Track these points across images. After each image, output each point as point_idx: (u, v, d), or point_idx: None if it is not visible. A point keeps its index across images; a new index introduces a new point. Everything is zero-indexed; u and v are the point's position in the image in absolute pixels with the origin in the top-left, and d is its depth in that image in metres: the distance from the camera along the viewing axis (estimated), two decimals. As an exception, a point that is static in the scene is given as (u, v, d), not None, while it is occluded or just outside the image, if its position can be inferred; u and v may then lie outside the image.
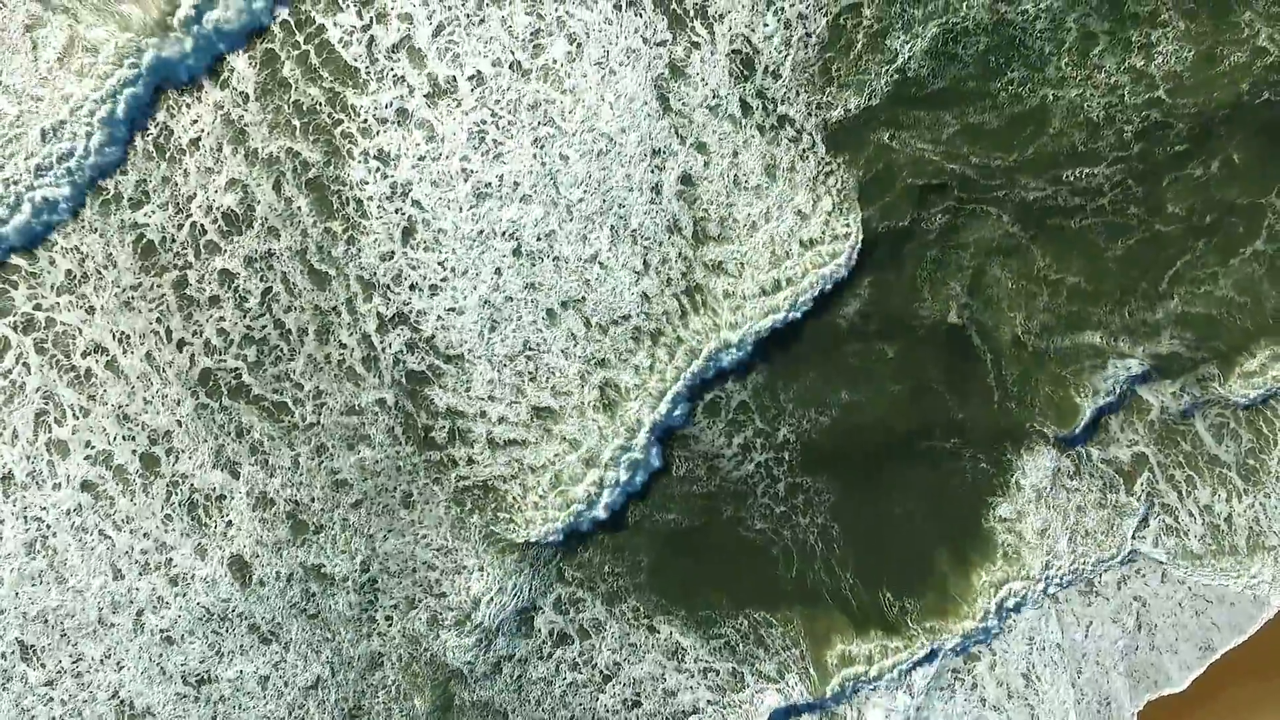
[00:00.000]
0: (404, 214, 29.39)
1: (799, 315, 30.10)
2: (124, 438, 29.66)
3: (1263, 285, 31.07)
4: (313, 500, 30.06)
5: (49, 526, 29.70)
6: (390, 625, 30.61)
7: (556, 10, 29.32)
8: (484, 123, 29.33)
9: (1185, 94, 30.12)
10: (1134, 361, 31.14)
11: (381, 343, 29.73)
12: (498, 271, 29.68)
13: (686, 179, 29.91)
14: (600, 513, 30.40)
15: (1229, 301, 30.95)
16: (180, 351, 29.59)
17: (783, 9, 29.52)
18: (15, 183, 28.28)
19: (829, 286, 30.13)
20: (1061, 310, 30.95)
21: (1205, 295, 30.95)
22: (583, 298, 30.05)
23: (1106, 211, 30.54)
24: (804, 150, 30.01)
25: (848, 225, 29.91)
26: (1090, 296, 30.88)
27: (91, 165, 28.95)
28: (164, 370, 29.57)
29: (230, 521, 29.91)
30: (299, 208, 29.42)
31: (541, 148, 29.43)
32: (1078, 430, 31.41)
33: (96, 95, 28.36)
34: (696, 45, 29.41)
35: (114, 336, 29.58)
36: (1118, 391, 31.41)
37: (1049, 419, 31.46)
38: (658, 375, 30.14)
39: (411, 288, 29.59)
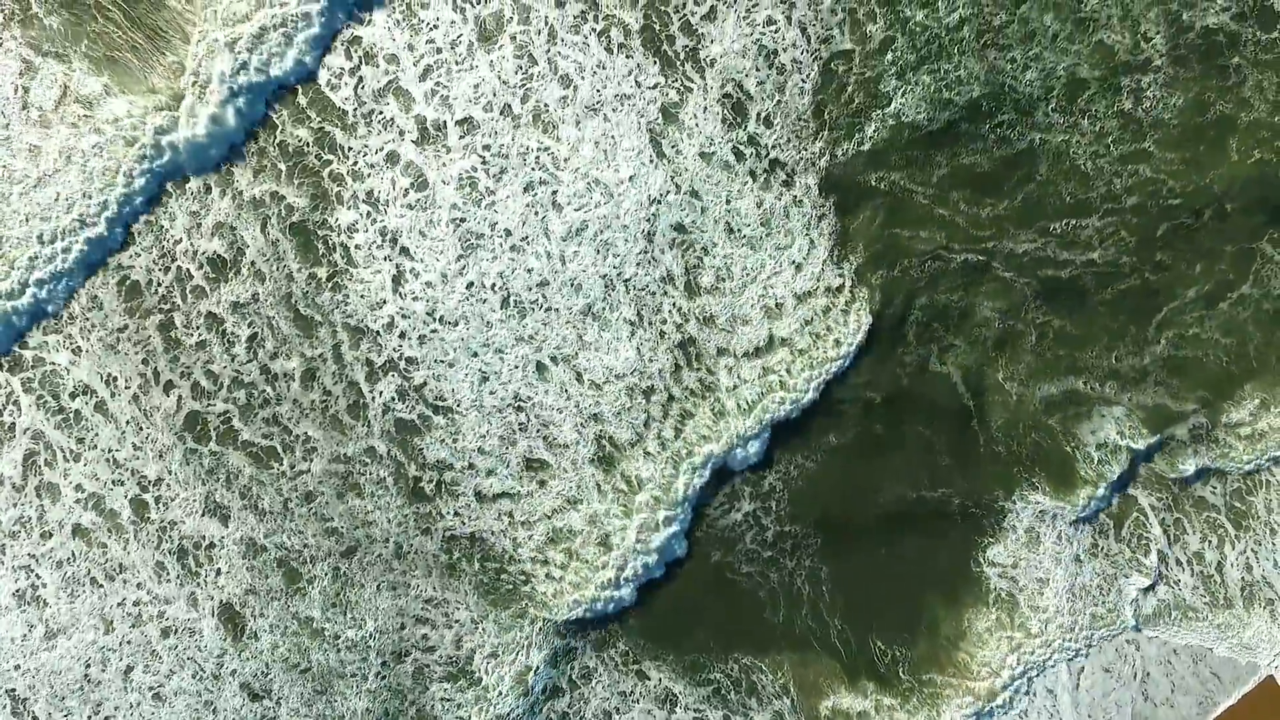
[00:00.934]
0: (393, 261, 29.30)
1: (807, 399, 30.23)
2: (114, 482, 29.47)
3: (1248, 327, 31.04)
4: (304, 548, 29.86)
5: (39, 576, 29.52)
6: (381, 680, 30.33)
7: (548, 52, 29.30)
8: (474, 169, 29.28)
9: (1172, 148, 30.13)
10: (1120, 409, 31.07)
11: (370, 391, 29.59)
12: (488, 323, 29.57)
13: (680, 227, 29.82)
14: (627, 597, 30.34)
15: (1215, 344, 30.92)
16: (167, 395, 29.43)
17: (775, 54, 29.49)
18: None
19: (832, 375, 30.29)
20: (1048, 355, 30.85)
21: (1193, 339, 30.92)
22: (575, 351, 29.92)
23: (1097, 263, 30.49)
24: (797, 197, 29.93)
25: (858, 317, 30.02)
26: (1077, 341, 30.78)
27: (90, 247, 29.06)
28: (152, 413, 29.41)
29: (220, 569, 29.70)
30: (285, 251, 29.30)
31: (533, 195, 29.38)
32: (1083, 511, 31.31)
33: (105, 196, 28.52)
34: (689, 89, 29.37)
35: (102, 378, 29.42)
36: (1118, 475, 31.23)
37: (1038, 471, 31.34)
38: (668, 473, 29.98)
39: (401, 336, 29.48)
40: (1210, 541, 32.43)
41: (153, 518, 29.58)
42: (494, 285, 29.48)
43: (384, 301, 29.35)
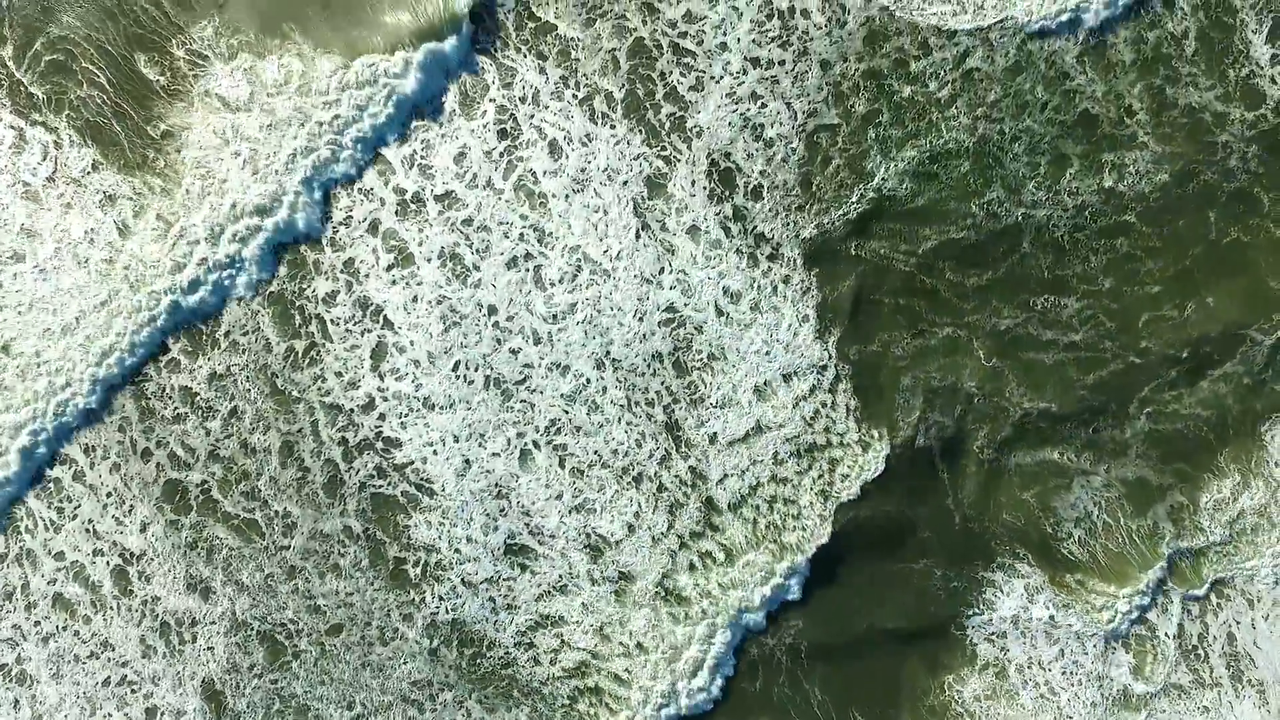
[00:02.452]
0: (371, 335, 29.17)
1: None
2: (95, 552, 29.34)
3: (1228, 401, 31.01)
4: (287, 624, 29.71)
5: (23, 651, 29.41)
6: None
7: (531, 119, 29.17)
8: (457, 244, 29.16)
9: (1153, 222, 30.12)
10: (1099, 480, 31.07)
11: (347, 469, 29.46)
12: (469, 405, 29.44)
13: (670, 308, 29.68)
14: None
15: (1196, 417, 30.90)
16: (145, 462, 29.29)
17: (761, 127, 29.39)
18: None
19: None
20: (1029, 428, 30.81)
21: (1173, 413, 30.89)
22: (561, 434, 29.76)
23: (1079, 347, 30.46)
24: (786, 276, 29.78)
25: (874, 458, 30.23)
26: (1057, 419, 30.77)
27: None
28: (130, 483, 29.28)
29: (202, 645, 29.50)
30: (263, 322, 29.19)
31: (519, 272, 29.24)
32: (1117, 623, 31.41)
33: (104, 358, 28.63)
34: (674, 162, 29.25)
35: (82, 449, 29.32)
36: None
37: (1018, 545, 31.35)
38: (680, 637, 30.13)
39: (380, 417, 29.34)
40: (1190, 611, 32.36)
41: (135, 591, 29.43)
42: (477, 366, 29.36)
43: (361, 379, 29.22)
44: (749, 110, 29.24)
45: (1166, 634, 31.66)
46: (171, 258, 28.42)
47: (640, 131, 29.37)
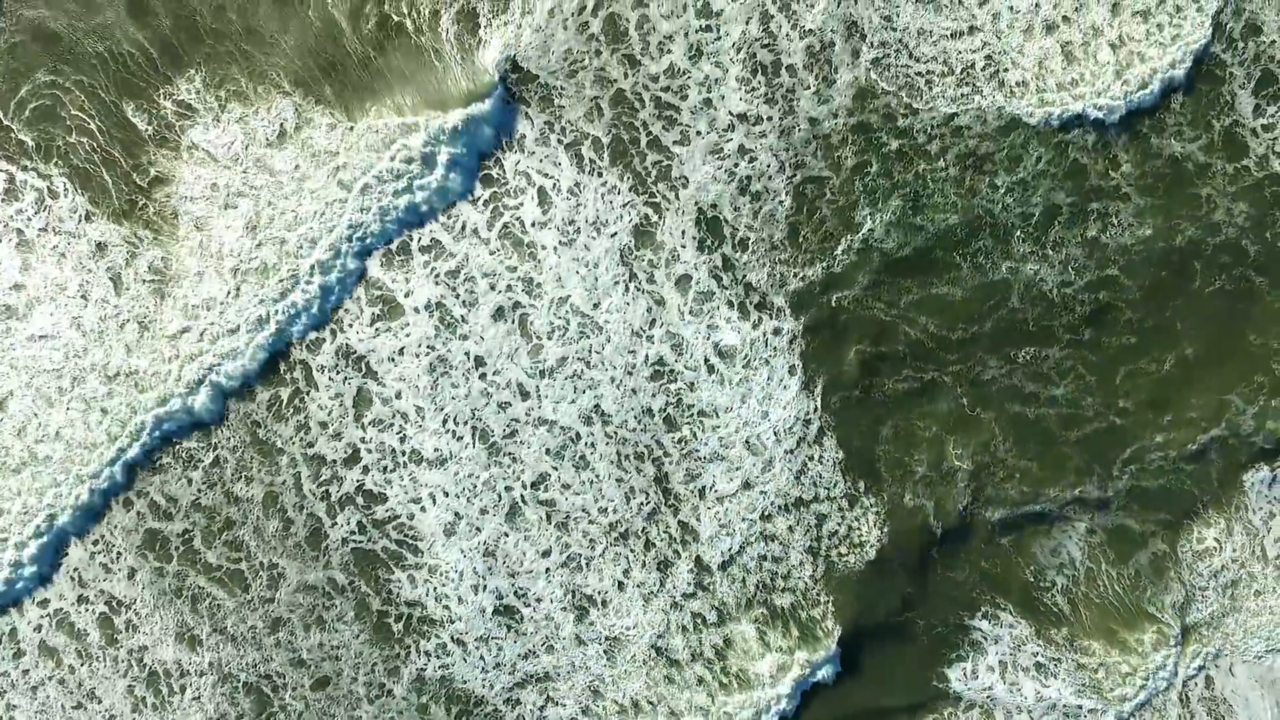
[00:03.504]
0: (353, 384, 29.13)
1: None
2: (80, 600, 29.31)
3: (1211, 456, 31.21)
4: (273, 676, 29.71)
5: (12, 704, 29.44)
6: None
7: (519, 166, 29.13)
8: (443, 296, 29.17)
9: (1136, 274, 30.25)
10: (1083, 526, 31.24)
11: (331, 523, 29.46)
12: (456, 459, 29.48)
13: (658, 360, 29.72)
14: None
15: (1180, 472, 31.11)
16: (127, 511, 29.22)
17: (749, 179, 29.40)
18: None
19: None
20: (1012, 485, 30.94)
21: (1157, 470, 31.05)
22: (549, 490, 29.77)
23: (1061, 403, 30.60)
24: (777, 328, 29.80)
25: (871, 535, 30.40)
26: (1039, 480, 30.91)
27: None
28: (113, 533, 29.22)
29: (190, 696, 29.47)
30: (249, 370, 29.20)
31: (506, 322, 29.23)
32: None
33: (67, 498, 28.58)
34: (663, 211, 29.25)
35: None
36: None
37: (999, 595, 31.52)
38: None
39: (364, 470, 29.36)
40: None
41: (120, 640, 29.43)
42: (464, 419, 29.43)
43: (343, 431, 29.26)
44: (737, 164, 29.27)
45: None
46: (173, 367, 28.62)
47: (627, 178, 29.33)
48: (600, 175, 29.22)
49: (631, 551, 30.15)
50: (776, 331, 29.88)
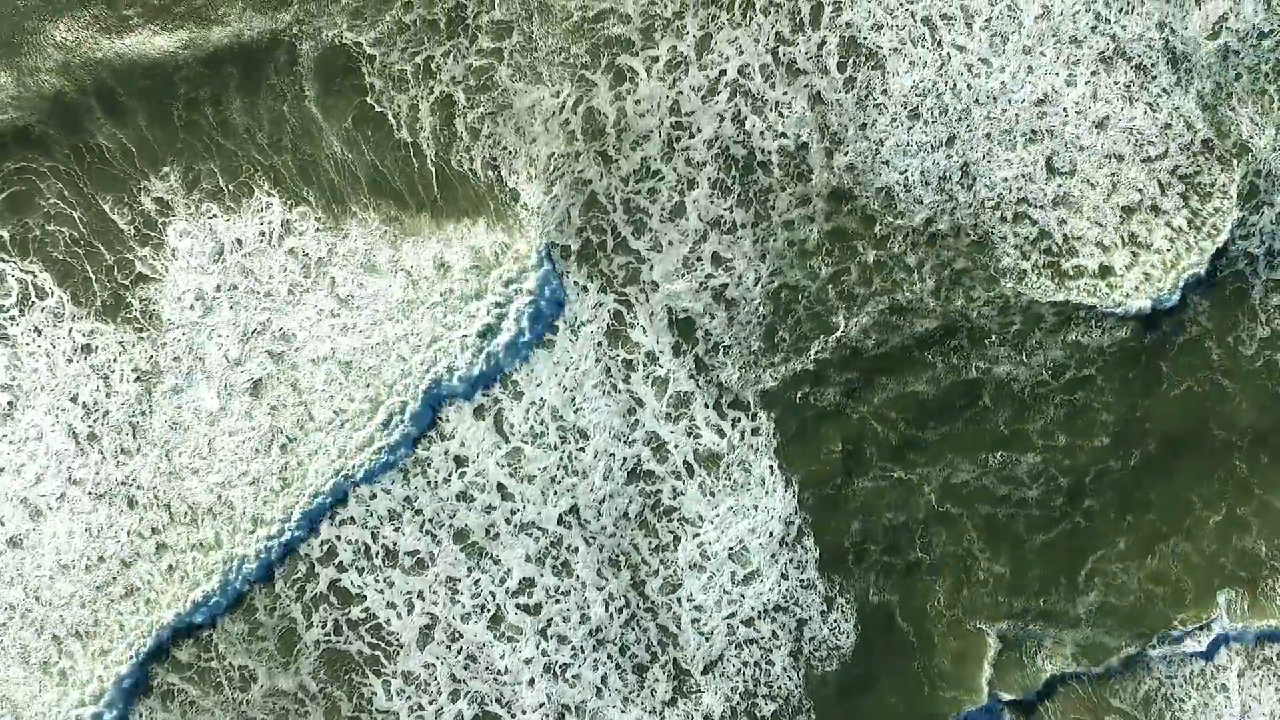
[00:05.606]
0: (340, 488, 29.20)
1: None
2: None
3: (1180, 573, 31.50)
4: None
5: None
6: None
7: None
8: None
9: (1111, 376, 30.73)
10: (1059, 633, 31.47)
11: (306, 623, 29.21)
12: (434, 561, 29.38)
13: (635, 463, 29.82)
14: None
15: (1147, 591, 31.41)
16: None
17: (725, 286, 29.65)
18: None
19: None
20: (982, 595, 31.17)
21: (1122, 586, 31.32)
22: (529, 595, 29.63)
23: (1031, 505, 30.95)
24: (754, 427, 30.04)
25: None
26: (1011, 588, 31.14)
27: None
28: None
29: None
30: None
31: (483, 420, 29.35)
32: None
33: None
34: (635, 310, 29.46)
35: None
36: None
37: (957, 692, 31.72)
38: None
39: (339, 568, 29.23)
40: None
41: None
42: (445, 524, 29.39)
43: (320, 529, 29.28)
44: (710, 271, 29.54)
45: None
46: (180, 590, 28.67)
47: (596, 278, 29.41)
48: (570, 275, 29.29)
49: (609, 657, 30.03)
50: (755, 430, 30.06)
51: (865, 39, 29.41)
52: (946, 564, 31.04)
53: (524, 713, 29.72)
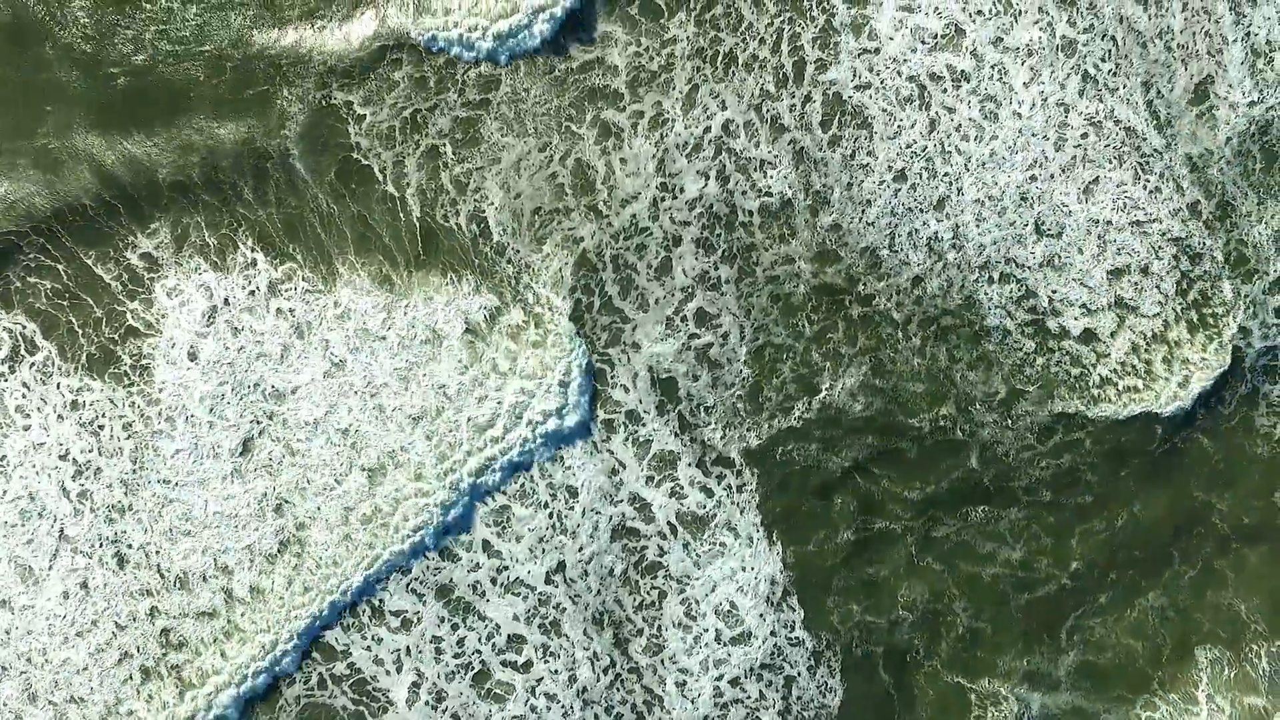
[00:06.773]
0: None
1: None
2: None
3: (1160, 631, 31.66)
4: None
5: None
6: None
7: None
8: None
9: (1099, 440, 30.84)
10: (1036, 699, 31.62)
11: (286, 682, 29.32)
12: (419, 620, 29.43)
13: (620, 523, 29.91)
14: None
15: (1127, 648, 31.55)
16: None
17: (707, 349, 29.74)
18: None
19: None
20: (963, 652, 31.33)
21: (1100, 643, 31.47)
22: (516, 653, 29.58)
23: (1014, 564, 31.06)
24: (739, 484, 30.10)
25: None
26: (992, 646, 31.26)
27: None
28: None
29: None
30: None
31: (478, 499, 29.47)
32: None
33: None
34: (618, 369, 29.53)
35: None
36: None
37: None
38: None
39: (324, 628, 29.37)
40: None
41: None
42: (432, 584, 29.43)
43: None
44: (696, 334, 29.62)
45: None
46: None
47: (583, 336, 29.49)
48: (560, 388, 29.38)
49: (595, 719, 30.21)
50: (741, 488, 30.15)
51: (850, 97, 29.36)
52: (926, 619, 31.19)
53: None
